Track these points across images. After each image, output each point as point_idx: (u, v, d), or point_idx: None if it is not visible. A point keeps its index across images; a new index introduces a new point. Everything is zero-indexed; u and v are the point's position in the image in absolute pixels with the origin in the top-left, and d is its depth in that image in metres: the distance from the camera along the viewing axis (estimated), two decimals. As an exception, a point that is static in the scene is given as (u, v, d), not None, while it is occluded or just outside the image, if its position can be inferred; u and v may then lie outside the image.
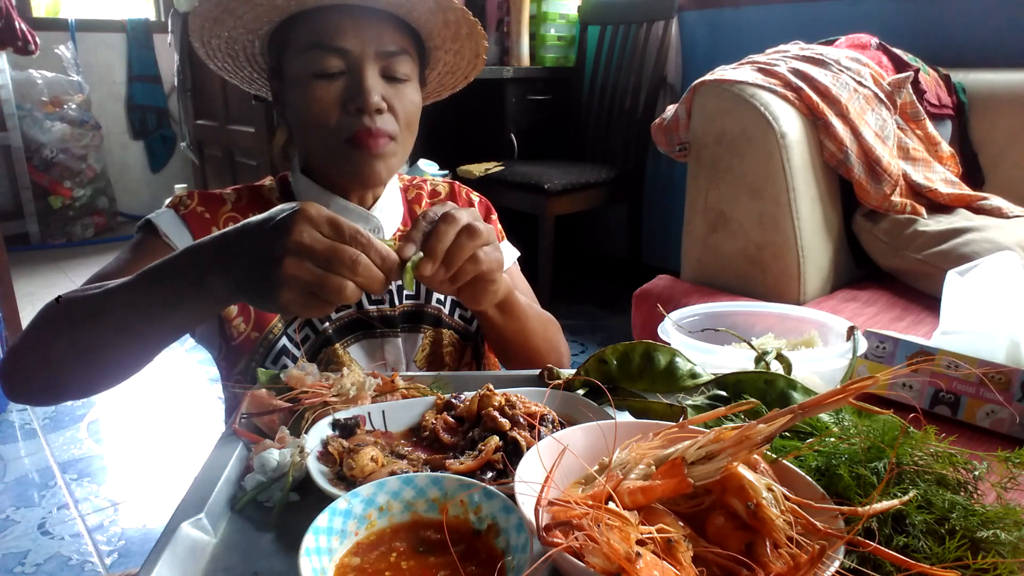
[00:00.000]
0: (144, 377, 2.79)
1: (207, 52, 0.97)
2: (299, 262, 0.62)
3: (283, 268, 0.62)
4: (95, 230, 4.50)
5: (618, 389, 0.77)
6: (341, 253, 0.63)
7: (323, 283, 0.62)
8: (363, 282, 0.64)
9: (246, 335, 0.96)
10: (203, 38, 0.94)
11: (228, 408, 1.06)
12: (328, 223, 0.64)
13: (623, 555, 0.43)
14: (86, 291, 0.75)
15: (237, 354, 0.97)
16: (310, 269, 0.62)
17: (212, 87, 3.78)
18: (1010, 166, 1.84)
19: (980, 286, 1.06)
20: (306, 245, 0.62)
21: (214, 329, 0.98)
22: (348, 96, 0.88)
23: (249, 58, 1.00)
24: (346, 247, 0.63)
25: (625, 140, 3.09)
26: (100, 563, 1.68)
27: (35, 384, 0.78)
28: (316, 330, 0.98)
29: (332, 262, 0.63)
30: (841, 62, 1.73)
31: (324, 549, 0.51)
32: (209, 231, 0.94)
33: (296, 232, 0.62)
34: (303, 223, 0.63)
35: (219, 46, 0.96)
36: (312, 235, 0.62)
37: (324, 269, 0.63)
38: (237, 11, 0.89)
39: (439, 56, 1.00)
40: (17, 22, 3.52)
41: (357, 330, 1.00)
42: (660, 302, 1.43)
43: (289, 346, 0.97)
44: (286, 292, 0.63)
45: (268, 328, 0.97)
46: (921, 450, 0.57)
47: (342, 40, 0.87)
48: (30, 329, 0.77)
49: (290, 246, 0.62)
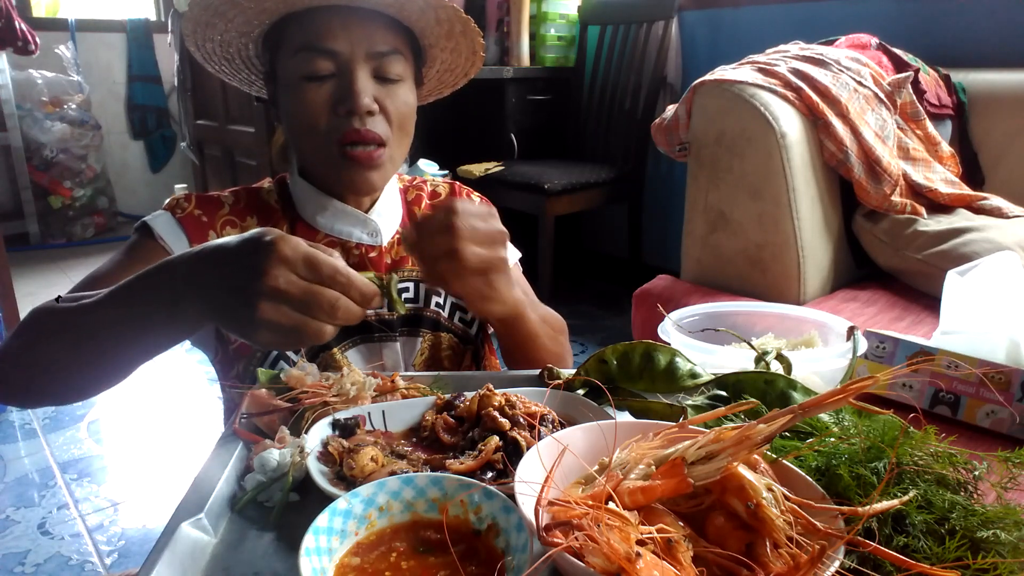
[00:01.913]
0: (144, 377, 2.77)
1: (203, 55, 0.97)
2: (275, 306, 0.60)
3: (259, 312, 0.59)
4: (95, 230, 4.50)
5: (618, 389, 0.77)
6: (319, 298, 0.61)
7: (301, 328, 0.61)
8: (342, 322, 0.63)
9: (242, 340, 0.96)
10: (197, 42, 0.93)
11: (227, 408, 1.06)
12: (304, 263, 0.61)
13: (623, 555, 0.43)
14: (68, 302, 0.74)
15: (234, 358, 0.97)
16: (287, 313, 0.60)
17: (212, 87, 3.79)
18: (1010, 166, 1.84)
19: (980, 286, 1.06)
20: (282, 290, 0.59)
21: (210, 333, 0.98)
22: (338, 98, 0.87)
23: (245, 60, 0.99)
24: (324, 291, 0.61)
25: (625, 140, 3.09)
26: (100, 563, 1.68)
27: (18, 387, 0.78)
28: None
29: (311, 306, 0.60)
30: (841, 62, 1.73)
31: (324, 549, 0.51)
32: (206, 235, 0.94)
33: (271, 276, 0.59)
34: (278, 266, 0.60)
35: (214, 49, 0.96)
36: (288, 279, 0.60)
37: (301, 312, 0.61)
38: (227, 15, 0.88)
39: (435, 54, 0.99)
40: (17, 22, 3.52)
41: (355, 334, 0.99)
42: (660, 302, 1.43)
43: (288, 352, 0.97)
44: (263, 333, 0.61)
45: None
46: (921, 450, 0.57)
47: (332, 42, 0.86)
48: (16, 333, 0.77)
49: (265, 290, 0.59)
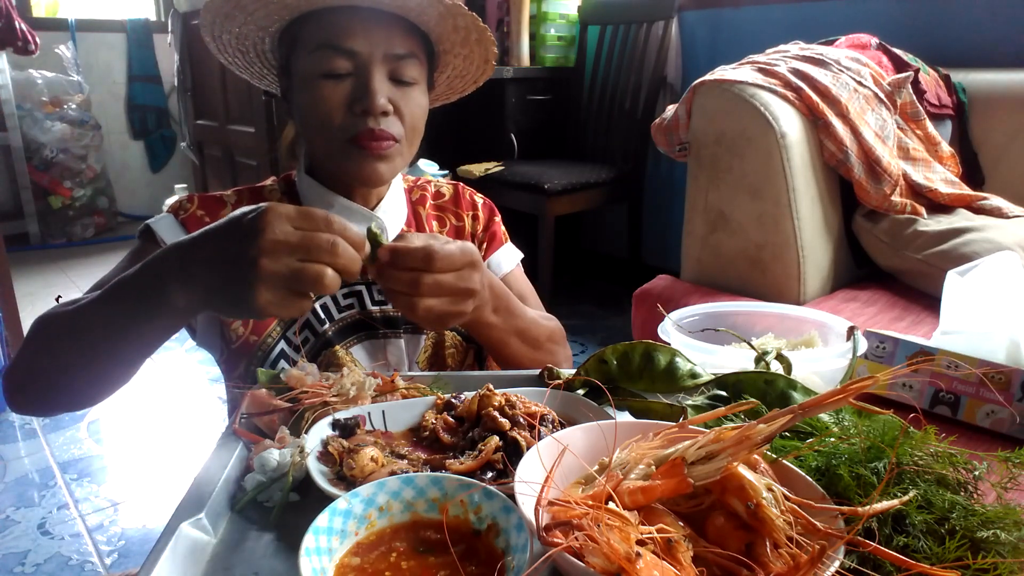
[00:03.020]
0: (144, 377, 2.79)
1: (218, 47, 0.98)
2: (275, 258, 0.61)
3: (259, 267, 0.61)
4: (95, 230, 4.50)
5: (618, 389, 0.77)
6: (318, 239, 0.62)
7: (301, 274, 0.62)
8: (343, 264, 0.64)
9: (244, 338, 0.96)
10: (214, 33, 0.94)
11: (231, 408, 1.06)
12: (299, 215, 0.63)
13: (623, 555, 0.43)
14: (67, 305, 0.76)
15: (237, 357, 0.97)
16: (287, 263, 0.61)
17: (212, 87, 3.79)
18: (1010, 166, 1.84)
19: (980, 286, 1.06)
20: (280, 240, 0.61)
21: (216, 332, 0.98)
22: (355, 97, 0.88)
23: (259, 54, 1.00)
24: (321, 233, 0.63)
25: (625, 140, 3.09)
26: (100, 563, 1.68)
27: (30, 397, 0.79)
28: (316, 332, 0.98)
29: (310, 250, 0.62)
30: (841, 62, 1.73)
31: (324, 549, 0.51)
32: None
33: (268, 230, 0.61)
34: (274, 219, 0.62)
35: (229, 41, 0.96)
36: (285, 229, 0.62)
37: (301, 260, 0.62)
38: (248, 8, 0.89)
39: (448, 60, 1.00)
40: (17, 22, 3.52)
41: (359, 331, 1.00)
42: (660, 302, 1.43)
43: (288, 350, 0.97)
44: (263, 292, 0.61)
45: (267, 332, 0.97)
46: (921, 450, 0.57)
47: (351, 41, 0.87)
48: (26, 343, 0.78)
49: (265, 244, 0.61)
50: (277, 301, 0.62)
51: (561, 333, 1.04)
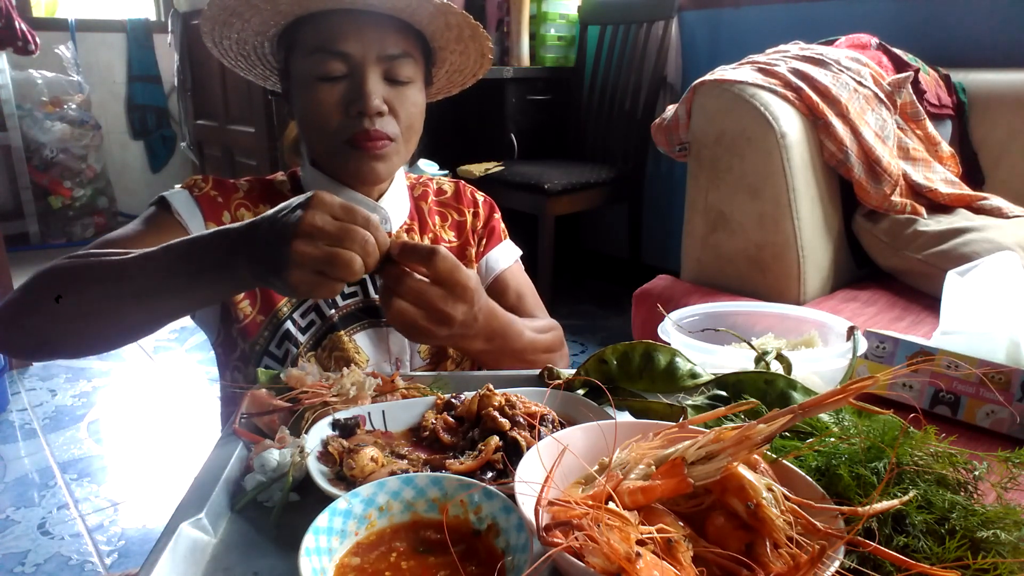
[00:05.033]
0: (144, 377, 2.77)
1: (220, 52, 1.00)
2: (309, 241, 0.64)
3: (292, 247, 0.64)
4: (95, 230, 4.49)
5: (618, 389, 0.77)
6: (353, 232, 0.66)
7: (333, 258, 0.65)
8: (371, 260, 0.67)
9: (252, 318, 0.98)
10: (215, 39, 0.97)
11: (224, 401, 1.07)
12: (341, 208, 0.67)
13: (623, 555, 0.43)
14: (101, 255, 0.76)
15: (239, 338, 0.98)
16: (320, 247, 0.65)
17: (212, 87, 3.79)
18: (1010, 166, 1.84)
19: (980, 286, 1.06)
20: (317, 226, 0.65)
21: (215, 312, 1.00)
22: (350, 99, 0.90)
23: (260, 57, 1.03)
24: (359, 228, 0.66)
25: (625, 140, 3.09)
26: (100, 563, 1.68)
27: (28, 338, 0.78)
28: (323, 316, 0.99)
29: (343, 240, 0.65)
30: (841, 62, 1.72)
31: (324, 549, 0.51)
32: (220, 214, 0.96)
33: (308, 214, 0.65)
34: (316, 206, 0.66)
35: (230, 46, 0.99)
36: (324, 218, 0.65)
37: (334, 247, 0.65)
38: (244, 15, 0.92)
39: (445, 56, 1.02)
40: (17, 22, 3.52)
41: (364, 318, 1.01)
42: (660, 302, 1.43)
43: (293, 331, 0.98)
44: (295, 271, 0.64)
45: (274, 311, 0.98)
46: (921, 450, 0.57)
47: (344, 44, 0.89)
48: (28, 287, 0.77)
49: (302, 227, 0.64)
50: (308, 281, 0.65)
51: (560, 340, 1.05)
